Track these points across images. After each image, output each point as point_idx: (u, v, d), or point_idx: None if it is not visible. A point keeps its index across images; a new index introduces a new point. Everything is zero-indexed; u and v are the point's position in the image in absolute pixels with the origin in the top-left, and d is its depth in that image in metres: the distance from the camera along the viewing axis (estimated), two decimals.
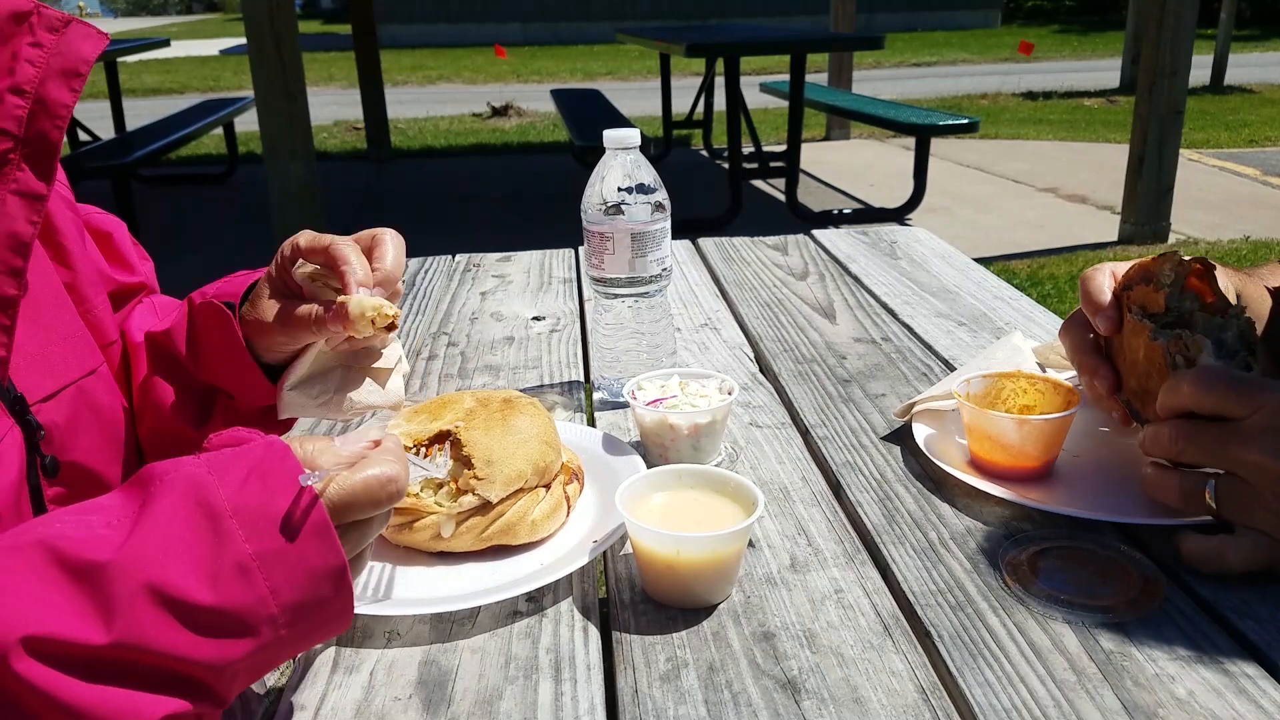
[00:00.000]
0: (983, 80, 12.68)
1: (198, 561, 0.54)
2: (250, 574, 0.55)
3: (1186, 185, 5.52)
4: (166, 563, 0.53)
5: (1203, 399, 0.72)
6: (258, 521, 0.56)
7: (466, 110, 10.79)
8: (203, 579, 0.54)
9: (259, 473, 0.58)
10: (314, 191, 4.38)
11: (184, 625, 0.53)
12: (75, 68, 0.74)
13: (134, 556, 0.53)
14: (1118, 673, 0.66)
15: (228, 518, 0.55)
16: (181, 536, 0.54)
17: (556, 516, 0.85)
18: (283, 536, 0.56)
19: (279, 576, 0.56)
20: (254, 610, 0.55)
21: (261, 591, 0.55)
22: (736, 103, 5.09)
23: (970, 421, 0.92)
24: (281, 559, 0.56)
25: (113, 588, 0.52)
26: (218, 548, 0.55)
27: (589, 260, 1.10)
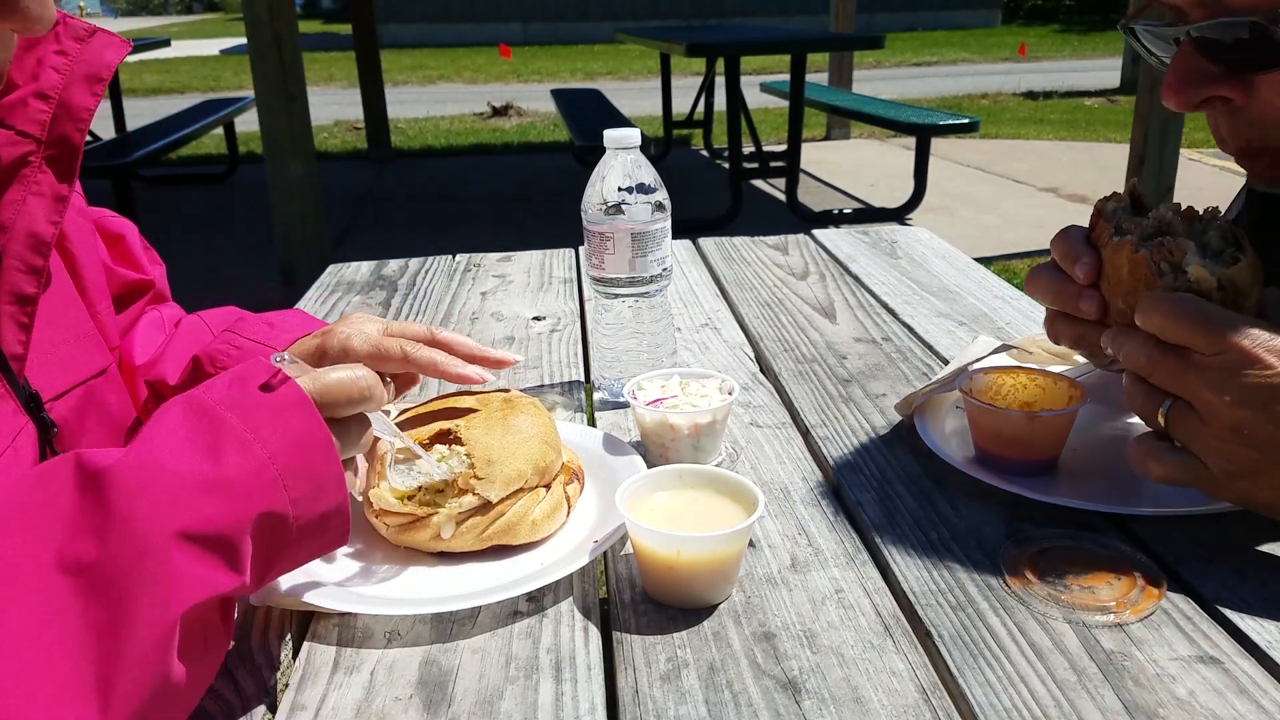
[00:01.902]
0: (983, 80, 12.68)
1: (199, 445, 0.59)
2: (248, 445, 0.60)
3: (1187, 185, 5.52)
4: (174, 454, 0.58)
5: (1172, 330, 0.74)
6: (243, 406, 0.62)
7: (467, 110, 10.79)
8: (205, 456, 0.59)
9: (239, 375, 0.64)
10: (314, 191, 4.38)
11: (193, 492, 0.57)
12: (98, 73, 0.76)
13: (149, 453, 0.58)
14: (1118, 673, 0.66)
15: (217, 406, 0.61)
16: (180, 432, 0.60)
17: (557, 516, 0.85)
18: (266, 409, 0.62)
19: (272, 444, 0.61)
20: (258, 473, 0.60)
21: (261, 456, 0.60)
22: (737, 102, 5.09)
23: (976, 417, 0.92)
24: (272, 429, 0.61)
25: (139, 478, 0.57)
26: (216, 433, 0.60)
27: (589, 260, 1.10)
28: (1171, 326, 0.74)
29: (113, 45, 0.78)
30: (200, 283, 4.34)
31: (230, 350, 0.91)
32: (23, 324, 0.71)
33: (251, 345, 0.91)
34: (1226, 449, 0.72)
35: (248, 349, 0.90)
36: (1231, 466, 0.73)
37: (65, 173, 0.74)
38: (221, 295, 1.04)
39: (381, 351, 0.85)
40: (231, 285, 4.32)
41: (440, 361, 0.87)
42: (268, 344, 0.91)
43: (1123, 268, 0.80)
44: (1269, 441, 0.70)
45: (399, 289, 1.61)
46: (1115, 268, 0.81)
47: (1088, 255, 0.84)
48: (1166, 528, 0.83)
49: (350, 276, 1.68)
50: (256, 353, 0.90)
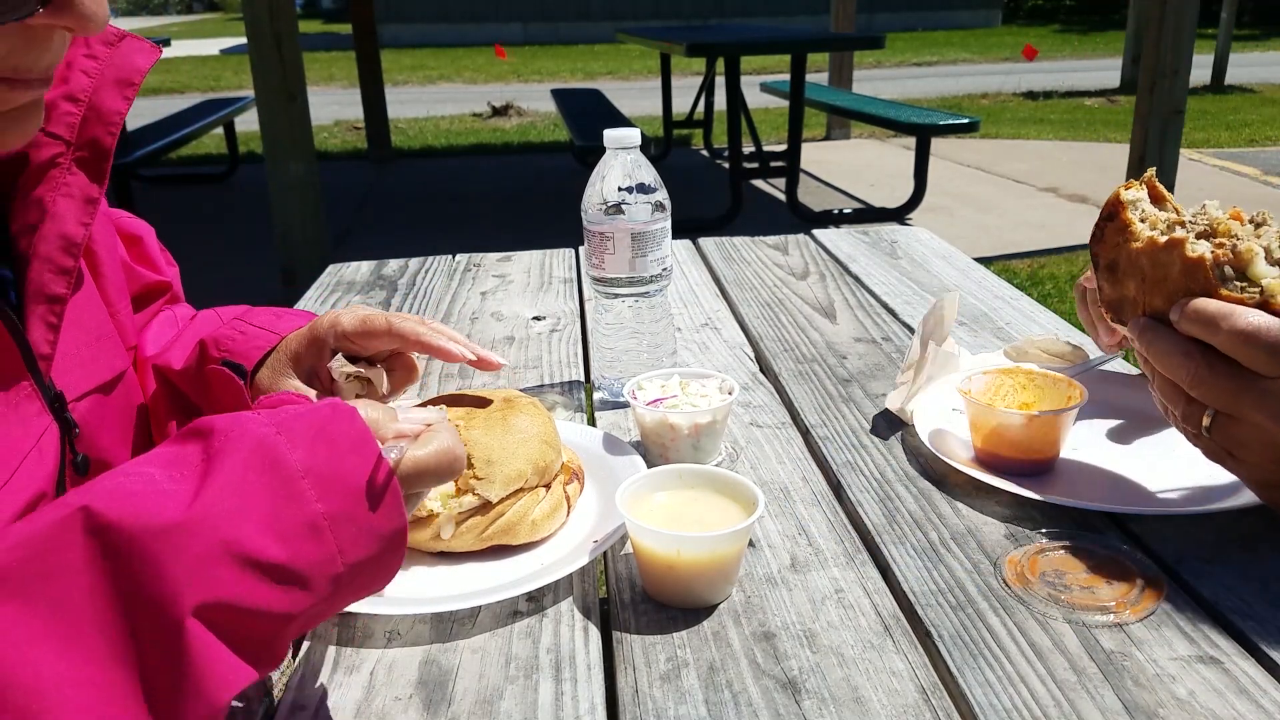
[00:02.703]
0: (983, 80, 12.68)
1: (269, 520, 0.55)
2: (321, 533, 0.56)
3: (1187, 185, 5.52)
4: (240, 520, 0.54)
5: (1241, 348, 0.69)
6: (328, 483, 0.57)
7: (467, 110, 10.79)
8: (274, 537, 0.54)
9: (327, 436, 0.58)
10: (314, 191, 4.38)
11: (261, 579, 0.54)
12: (129, 77, 0.77)
13: (207, 514, 0.53)
14: (1118, 673, 0.66)
15: (299, 479, 0.56)
16: (254, 494, 0.55)
17: (557, 516, 0.85)
18: (357, 500, 0.57)
19: (346, 538, 0.57)
20: (321, 567, 0.56)
21: (330, 550, 0.56)
22: (737, 102, 5.09)
23: (976, 418, 0.92)
24: (351, 521, 0.57)
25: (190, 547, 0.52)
26: (289, 507, 0.55)
27: (589, 260, 1.10)
28: (1243, 345, 0.69)
29: (143, 50, 0.78)
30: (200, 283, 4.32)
31: (235, 335, 0.91)
32: (51, 324, 0.72)
33: (256, 331, 0.91)
34: (1266, 464, 0.71)
35: (252, 334, 0.91)
36: (1267, 479, 0.72)
37: (96, 175, 0.74)
38: (222, 295, 1.04)
39: (368, 325, 0.87)
40: (231, 285, 4.32)
41: (425, 333, 0.87)
42: (274, 331, 0.91)
43: (1171, 266, 0.75)
44: None
45: (399, 289, 1.61)
46: (1159, 265, 0.76)
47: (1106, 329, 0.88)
48: (1166, 528, 0.83)
49: (350, 276, 1.68)
50: (261, 339, 0.90)
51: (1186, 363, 0.72)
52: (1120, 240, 0.80)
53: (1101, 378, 1.09)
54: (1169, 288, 0.75)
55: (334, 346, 0.87)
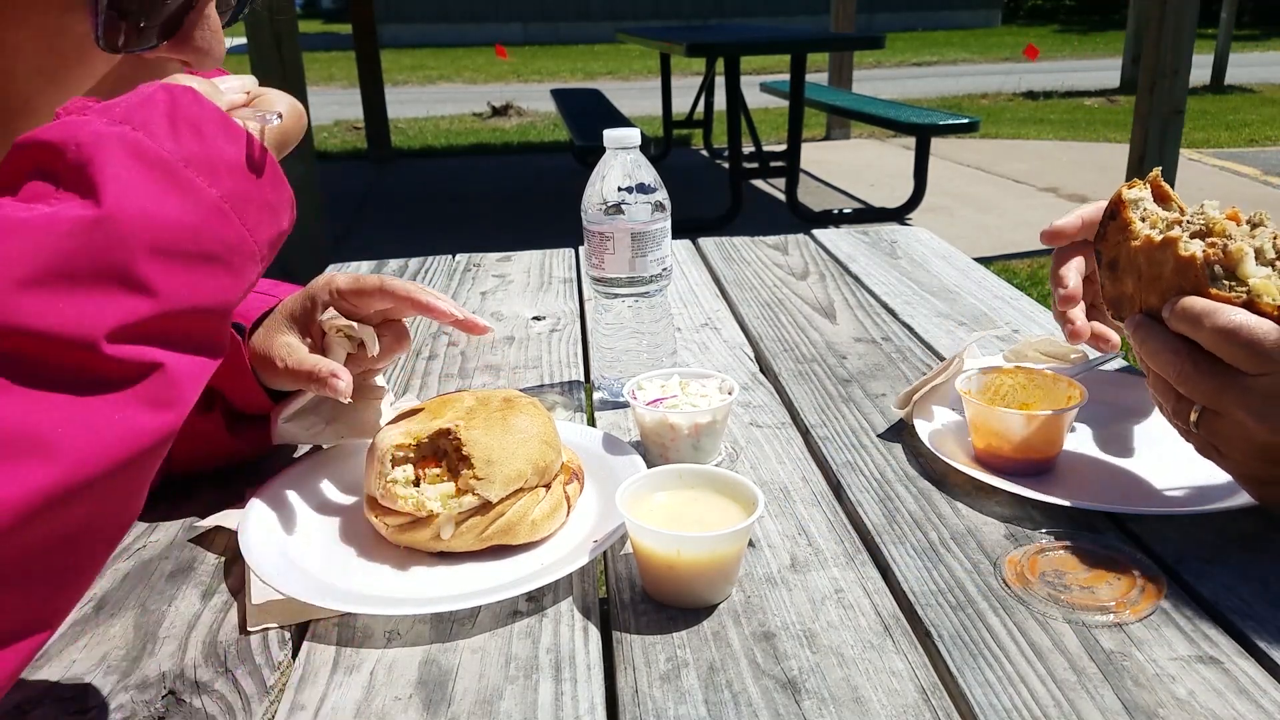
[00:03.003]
0: (983, 80, 12.68)
1: (178, 210, 0.54)
2: (226, 215, 0.56)
3: (1187, 185, 5.52)
4: (153, 215, 0.53)
5: (1223, 346, 0.71)
6: (211, 166, 0.57)
7: (466, 110, 10.79)
8: (189, 229, 0.54)
9: (186, 120, 0.57)
10: (314, 191, 4.38)
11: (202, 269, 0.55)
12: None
13: (121, 210, 0.52)
14: (1118, 673, 0.66)
15: (182, 168, 0.55)
16: (150, 189, 0.54)
17: (557, 516, 0.85)
18: (244, 177, 0.58)
19: (250, 216, 0.58)
20: (239, 251, 0.57)
21: (240, 231, 0.57)
22: (737, 102, 5.09)
23: (976, 418, 0.92)
24: (248, 199, 0.58)
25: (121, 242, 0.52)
26: (189, 197, 0.55)
27: (589, 260, 1.10)
28: (1224, 343, 0.70)
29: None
30: None
31: None
32: None
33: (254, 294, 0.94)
34: (1254, 463, 0.73)
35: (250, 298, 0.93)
36: (1252, 474, 0.74)
37: None
38: None
39: (361, 283, 0.89)
40: None
41: (415, 290, 0.89)
42: (271, 294, 0.94)
43: (1165, 265, 0.76)
44: None
45: None
46: (1154, 263, 0.77)
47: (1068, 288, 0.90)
48: (1166, 528, 0.83)
49: None
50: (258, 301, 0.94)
51: (1174, 359, 0.74)
52: (1121, 238, 0.81)
53: (1101, 378, 1.09)
54: (1163, 286, 0.76)
55: (327, 303, 0.90)
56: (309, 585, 0.76)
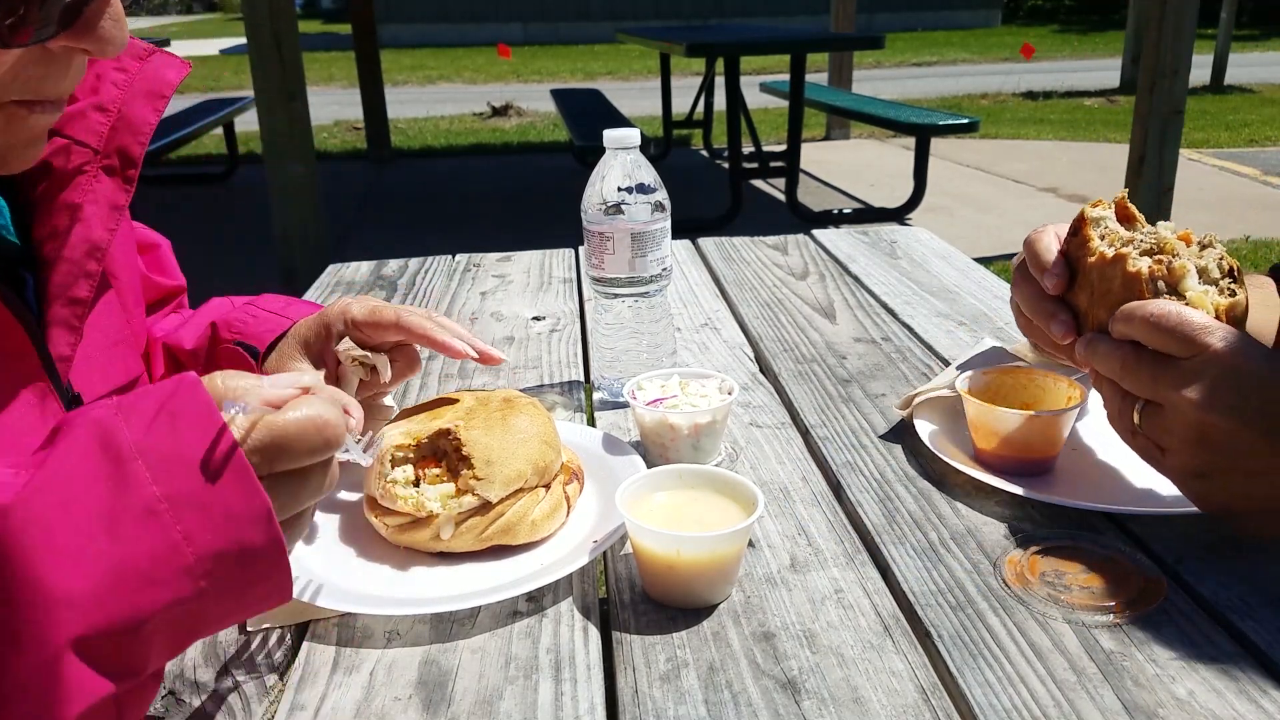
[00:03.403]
0: (983, 80, 12.68)
1: (97, 508, 0.50)
2: (159, 517, 0.50)
3: (1187, 185, 5.52)
4: (66, 511, 0.49)
5: (1153, 334, 0.75)
6: (167, 462, 0.52)
7: (466, 110, 10.79)
8: (104, 527, 0.49)
9: (168, 411, 0.53)
10: (314, 191, 4.38)
11: (93, 578, 0.49)
12: (159, 90, 0.79)
13: (24, 503, 0.49)
14: (1118, 673, 0.66)
15: (132, 459, 0.51)
16: (84, 481, 0.50)
17: (556, 516, 0.85)
18: (197, 477, 0.52)
19: (192, 520, 0.51)
20: (165, 559, 0.50)
21: (173, 537, 0.51)
22: (736, 103, 5.09)
23: (976, 418, 0.92)
24: (194, 501, 0.51)
25: (9, 537, 0.48)
26: (121, 492, 0.50)
27: (589, 260, 1.10)
28: (1154, 331, 0.75)
29: (174, 65, 0.80)
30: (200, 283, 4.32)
31: (246, 318, 0.94)
32: (73, 327, 0.73)
33: (268, 315, 0.94)
34: (1190, 450, 0.74)
35: (263, 318, 0.93)
36: (1193, 467, 0.75)
37: (124, 182, 0.76)
38: (221, 295, 1.05)
39: (377, 316, 0.89)
40: (231, 285, 4.32)
41: (431, 329, 0.89)
42: (285, 316, 0.93)
43: (1114, 280, 0.80)
44: (1228, 444, 0.72)
45: (399, 289, 1.61)
46: (1105, 279, 0.82)
47: (1059, 267, 0.86)
48: (1166, 528, 0.83)
49: (350, 276, 1.68)
50: (272, 323, 0.93)
51: (1115, 354, 0.78)
52: (1080, 254, 0.85)
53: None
54: (1111, 300, 0.80)
55: (342, 332, 0.90)
56: (309, 585, 0.76)
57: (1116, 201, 0.87)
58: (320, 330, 0.91)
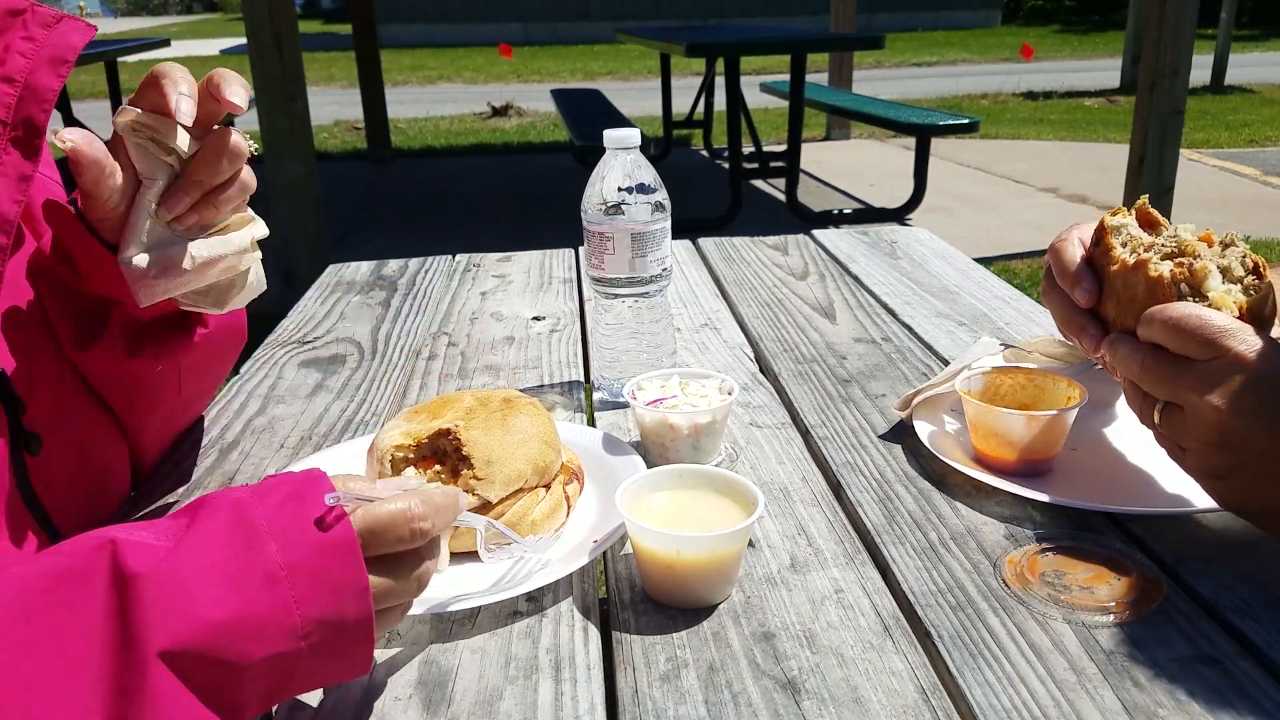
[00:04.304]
0: (983, 80, 12.68)
1: (228, 572, 0.56)
2: (278, 583, 0.57)
3: (1187, 185, 5.52)
4: (203, 574, 0.56)
5: (1173, 337, 0.75)
6: (290, 536, 0.58)
7: (466, 110, 10.79)
8: (229, 588, 0.56)
9: (296, 495, 0.60)
10: (314, 191, 4.38)
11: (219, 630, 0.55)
12: (63, 55, 0.77)
13: (175, 567, 0.55)
14: (1118, 673, 0.66)
15: (264, 532, 0.58)
16: (219, 550, 0.57)
17: (557, 516, 0.85)
18: (314, 550, 0.58)
19: (303, 588, 0.57)
20: (277, 618, 0.57)
21: (286, 599, 0.57)
22: (736, 103, 5.09)
23: (975, 418, 0.92)
24: (307, 571, 0.58)
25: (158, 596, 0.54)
26: (250, 559, 0.57)
27: (589, 260, 1.10)
28: (1172, 333, 0.75)
29: (79, 30, 0.78)
30: None
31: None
32: None
33: None
34: (1210, 451, 0.74)
35: None
36: (1210, 467, 0.75)
37: (29, 152, 0.75)
38: None
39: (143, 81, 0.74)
40: None
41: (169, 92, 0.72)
42: None
43: (1138, 286, 0.81)
44: (1248, 446, 0.72)
45: (399, 289, 1.61)
46: (1129, 286, 0.82)
47: (1087, 280, 0.86)
48: (1166, 528, 0.83)
49: (350, 276, 1.68)
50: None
51: (1135, 355, 0.79)
52: (1104, 263, 0.85)
53: (1101, 378, 1.09)
54: (1137, 307, 0.80)
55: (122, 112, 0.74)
56: None
57: (1137, 208, 0.87)
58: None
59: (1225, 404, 0.72)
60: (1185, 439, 0.76)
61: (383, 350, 1.33)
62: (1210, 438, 0.73)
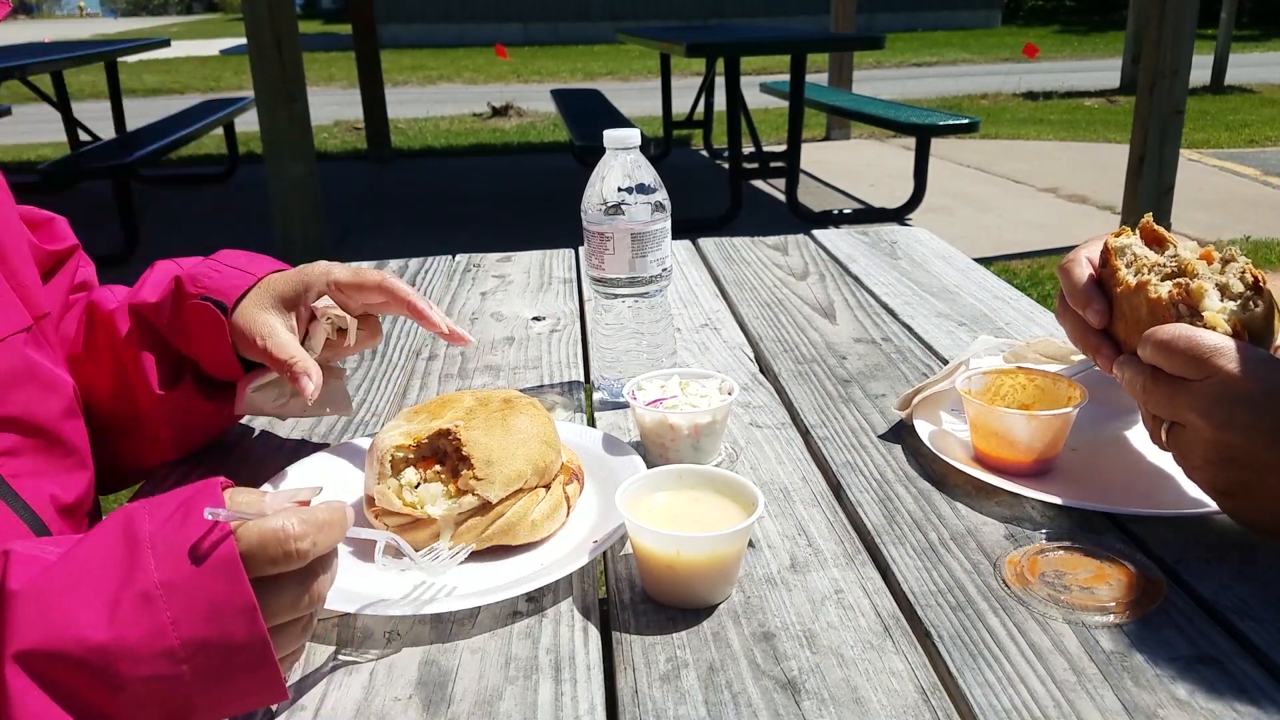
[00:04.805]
0: (983, 80, 12.68)
1: (103, 588, 0.55)
2: (153, 602, 0.55)
3: (1187, 185, 5.52)
4: (72, 590, 0.55)
5: (1165, 358, 0.76)
6: (171, 552, 0.56)
7: (466, 110, 10.79)
8: (103, 607, 0.55)
9: (185, 507, 0.59)
10: (314, 191, 4.38)
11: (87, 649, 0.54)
12: None
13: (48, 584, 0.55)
14: (1118, 673, 0.66)
15: (145, 546, 0.57)
16: (101, 564, 0.56)
17: (557, 516, 0.85)
18: (188, 565, 0.56)
19: (180, 606, 0.55)
20: (151, 640, 0.55)
21: (162, 621, 0.55)
22: (736, 103, 5.09)
23: (976, 418, 0.92)
24: (184, 589, 0.56)
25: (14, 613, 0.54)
26: (129, 576, 0.56)
27: (589, 260, 1.10)
28: (1164, 354, 0.76)
29: None
30: None
31: (210, 273, 0.94)
32: None
33: (231, 270, 0.94)
34: (1214, 469, 0.75)
35: (228, 273, 0.94)
36: (1220, 485, 0.76)
37: None
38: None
39: (361, 278, 0.92)
40: None
41: (412, 295, 0.92)
42: (249, 271, 0.95)
43: (1141, 308, 0.82)
44: (1249, 462, 0.72)
45: None
46: (1133, 308, 0.83)
47: (1097, 301, 0.87)
48: (1166, 528, 0.83)
49: None
50: (237, 278, 0.94)
51: (1138, 376, 0.80)
52: (1110, 284, 0.87)
53: (1101, 378, 1.08)
54: (1141, 327, 0.82)
55: (322, 293, 0.92)
56: None
57: (1142, 226, 0.88)
58: (299, 287, 0.92)
59: (1220, 422, 0.72)
60: (1190, 458, 0.77)
61: (383, 350, 1.33)
62: (1211, 455, 0.74)
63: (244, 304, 0.92)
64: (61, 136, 7.33)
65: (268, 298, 0.92)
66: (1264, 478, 0.72)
